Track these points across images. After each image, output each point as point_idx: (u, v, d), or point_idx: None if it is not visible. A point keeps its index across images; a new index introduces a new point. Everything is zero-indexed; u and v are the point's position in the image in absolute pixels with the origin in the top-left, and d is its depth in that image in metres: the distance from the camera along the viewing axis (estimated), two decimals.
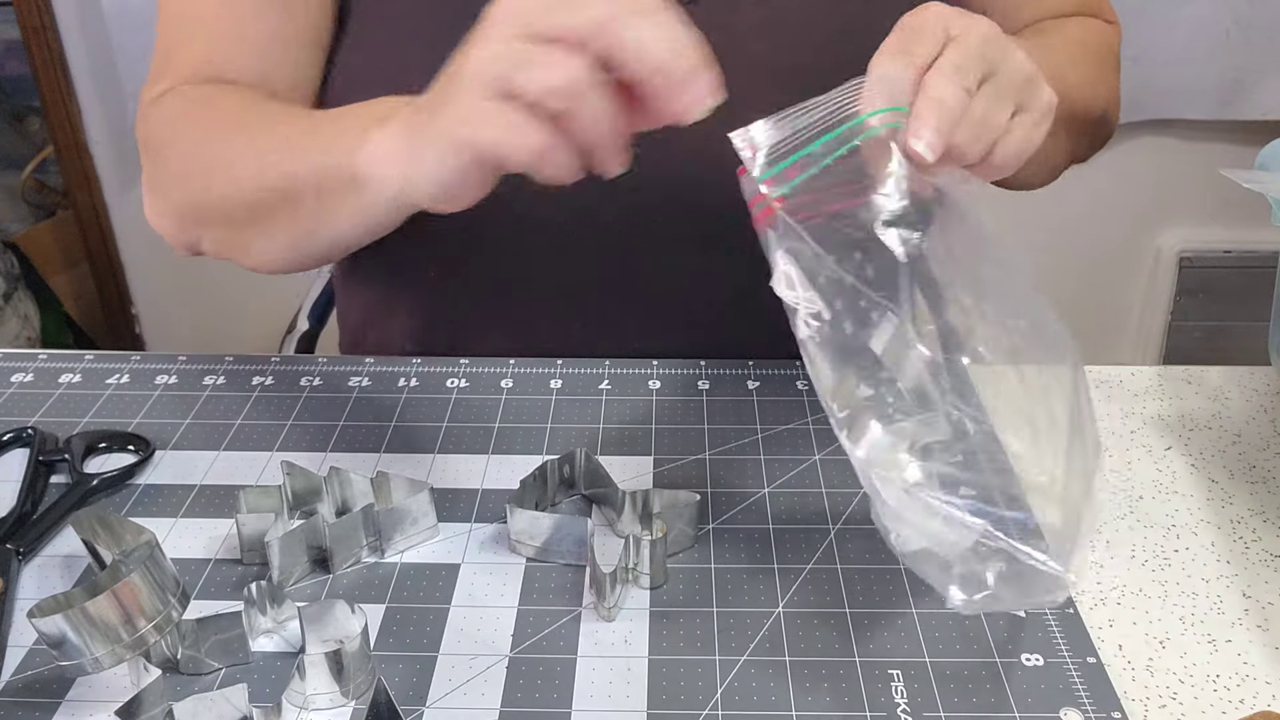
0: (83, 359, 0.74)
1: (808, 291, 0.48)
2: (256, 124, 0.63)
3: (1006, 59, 0.53)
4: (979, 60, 0.51)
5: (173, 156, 0.68)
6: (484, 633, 0.52)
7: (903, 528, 0.47)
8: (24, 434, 0.65)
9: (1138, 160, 1.72)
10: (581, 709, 0.48)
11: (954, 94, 0.50)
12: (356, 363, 0.73)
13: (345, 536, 0.55)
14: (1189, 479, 0.63)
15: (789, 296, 0.48)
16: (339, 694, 0.48)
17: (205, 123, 0.66)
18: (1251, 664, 0.51)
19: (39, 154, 1.81)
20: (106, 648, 0.46)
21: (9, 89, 1.79)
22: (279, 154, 0.60)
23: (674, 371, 0.71)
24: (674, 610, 0.53)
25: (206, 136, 0.66)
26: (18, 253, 1.82)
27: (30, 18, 1.59)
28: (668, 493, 0.56)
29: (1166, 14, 1.56)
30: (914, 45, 0.51)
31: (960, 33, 0.52)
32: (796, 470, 0.62)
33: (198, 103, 0.67)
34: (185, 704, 0.46)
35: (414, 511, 0.56)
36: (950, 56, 0.51)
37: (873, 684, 0.49)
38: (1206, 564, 0.57)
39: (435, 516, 0.57)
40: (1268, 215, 0.58)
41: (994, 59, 0.52)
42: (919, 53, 0.51)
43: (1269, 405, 0.70)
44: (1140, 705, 0.49)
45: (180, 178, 0.67)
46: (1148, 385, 0.72)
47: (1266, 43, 1.59)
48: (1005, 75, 0.52)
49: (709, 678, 0.49)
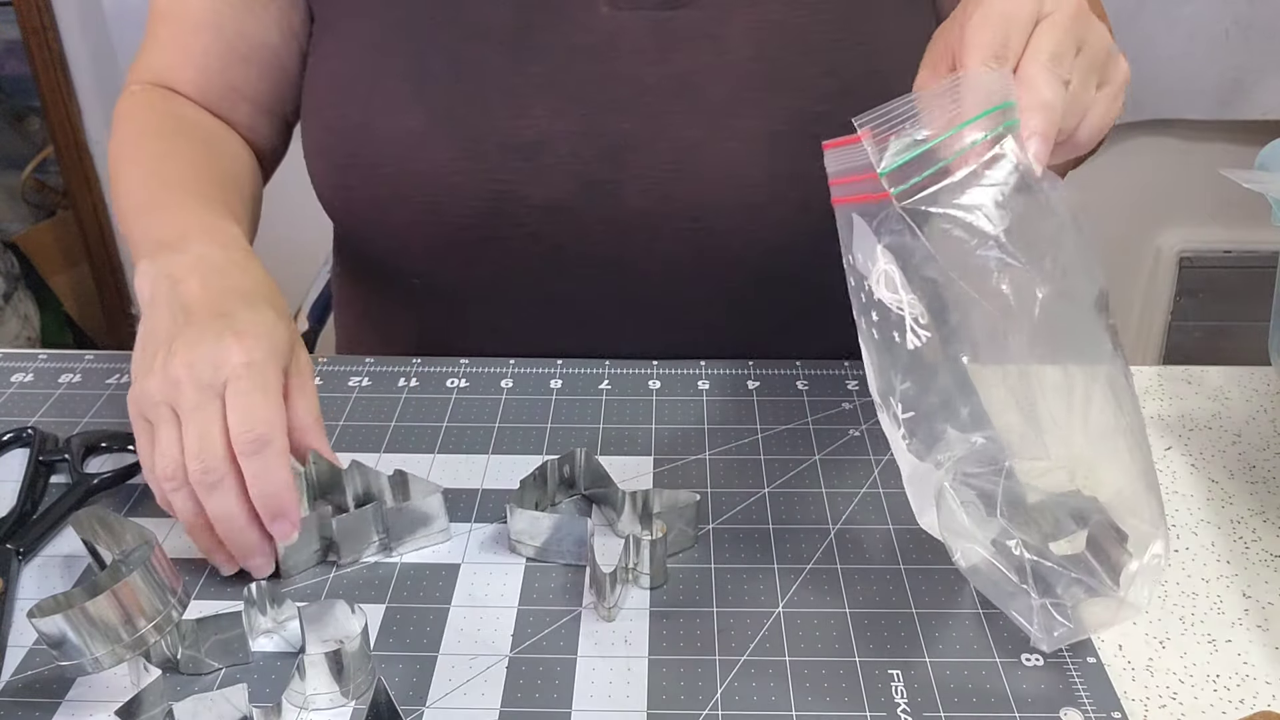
0: (83, 359, 0.74)
1: (909, 294, 0.46)
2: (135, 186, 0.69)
3: (1092, 32, 0.51)
4: (1073, 39, 0.50)
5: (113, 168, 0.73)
6: (484, 633, 0.52)
7: (965, 544, 0.46)
8: (24, 434, 0.65)
9: (1138, 160, 1.72)
10: (581, 709, 0.48)
11: (1056, 92, 0.49)
12: (356, 362, 0.73)
13: (354, 531, 0.55)
14: (1189, 479, 0.63)
15: (889, 298, 0.47)
16: (339, 694, 0.48)
17: (129, 161, 0.72)
18: (1251, 664, 0.51)
19: (39, 154, 1.81)
20: (106, 648, 0.46)
21: (9, 89, 1.79)
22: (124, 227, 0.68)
23: (674, 371, 0.71)
24: (674, 610, 0.53)
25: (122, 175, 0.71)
26: (18, 253, 1.82)
27: (30, 18, 1.59)
28: (668, 493, 0.56)
29: (1166, 14, 1.56)
30: (1010, 36, 0.49)
31: (1052, 9, 0.50)
32: (796, 470, 0.62)
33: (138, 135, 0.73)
34: (185, 704, 0.46)
35: (426, 513, 0.56)
36: (1046, 42, 0.49)
37: (873, 684, 0.49)
38: (1206, 564, 0.57)
39: (447, 519, 0.57)
40: (1268, 215, 0.58)
41: (1082, 34, 0.51)
42: (1014, 43, 0.49)
43: (1269, 405, 0.70)
44: (1140, 705, 0.49)
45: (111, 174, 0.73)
46: (1148, 385, 0.72)
47: (1266, 43, 1.59)
48: (1091, 50, 0.51)
49: (709, 678, 0.49)
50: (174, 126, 0.73)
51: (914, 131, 0.47)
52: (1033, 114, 0.48)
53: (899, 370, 0.48)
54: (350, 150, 0.69)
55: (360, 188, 0.70)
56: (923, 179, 0.46)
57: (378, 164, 0.69)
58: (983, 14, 0.50)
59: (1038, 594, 0.47)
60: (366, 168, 0.69)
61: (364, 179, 0.69)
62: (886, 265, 0.47)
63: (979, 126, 0.47)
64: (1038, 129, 0.48)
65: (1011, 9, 0.50)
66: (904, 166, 0.46)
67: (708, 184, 0.68)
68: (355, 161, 0.69)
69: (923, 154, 0.46)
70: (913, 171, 0.46)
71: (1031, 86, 0.49)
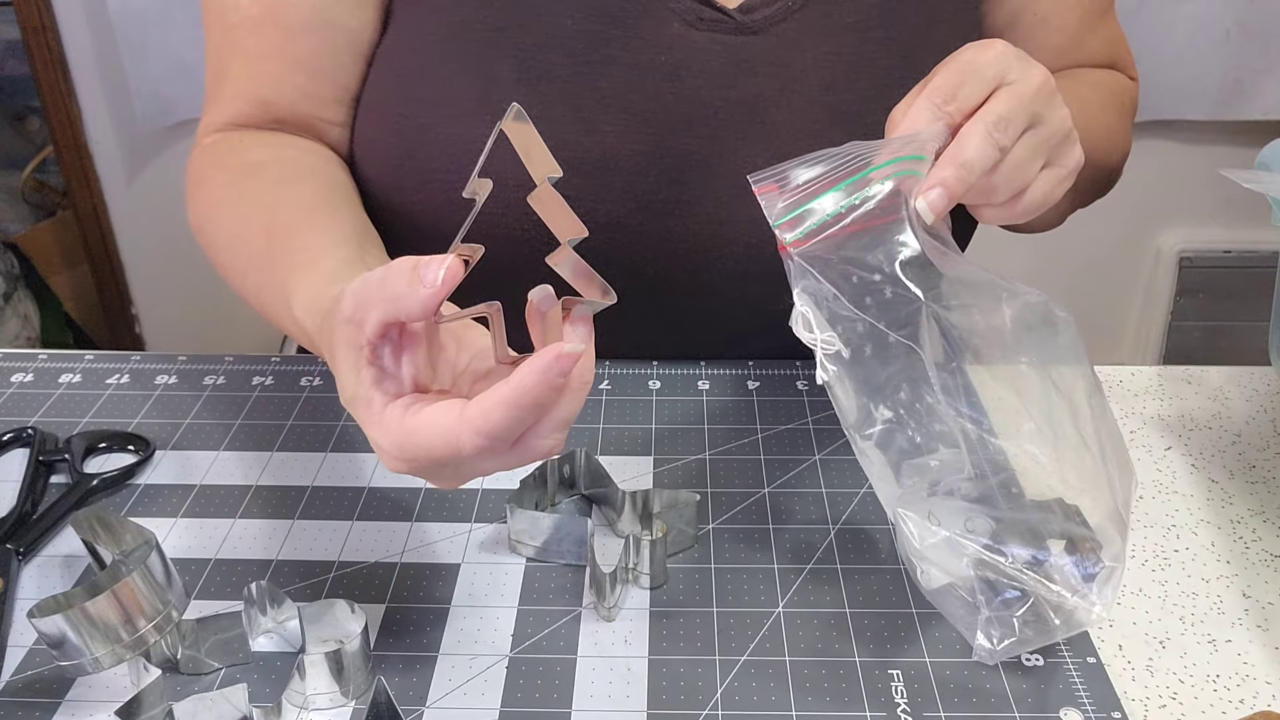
0: (83, 359, 0.74)
1: (825, 333, 0.48)
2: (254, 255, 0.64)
3: (1052, 112, 0.53)
4: (1026, 113, 0.52)
5: (208, 239, 0.69)
6: (484, 633, 0.52)
7: (928, 565, 0.47)
8: (24, 434, 0.65)
9: (1138, 160, 1.71)
10: (581, 709, 0.48)
11: (982, 153, 0.50)
12: None
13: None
14: (1189, 479, 0.63)
15: (806, 338, 0.49)
16: (339, 694, 0.48)
17: (227, 231, 0.67)
18: (1251, 664, 0.51)
19: (39, 154, 1.81)
20: (106, 648, 0.46)
21: (9, 89, 1.79)
22: (256, 297, 0.64)
23: (674, 371, 0.71)
24: (674, 610, 0.53)
25: (224, 245, 0.67)
26: (18, 253, 1.82)
27: (30, 18, 1.59)
28: (668, 493, 0.56)
29: (1166, 14, 1.56)
30: (963, 87, 0.51)
31: (1017, 79, 0.52)
32: (796, 470, 0.62)
33: (230, 199, 0.68)
34: (185, 704, 0.46)
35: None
36: (998, 106, 0.51)
37: (873, 684, 0.49)
38: (1206, 564, 0.57)
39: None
40: (1268, 215, 0.58)
41: (1040, 111, 0.52)
42: (965, 95, 0.51)
43: (1269, 405, 0.70)
44: (1140, 705, 0.49)
45: (208, 248, 0.69)
46: (1148, 385, 0.72)
47: (1267, 43, 1.59)
48: (1047, 128, 0.53)
49: (709, 678, 0.49)
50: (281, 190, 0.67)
51: (809, 184, 0.50)
52: (945, 166, 0.50)
53: (851, 405, 0.50)
54: (407, 150, 0.67)
55: (415, 190, 0.68)
56: (818, 226, 0.49)
57: (436, 168, 0.67)
58: (950, 61, 0.52)
59: (987, 607, 0.48)
60: (425, 170, 0.67)
61: (420, 181, 0.67)
62: (802, 307, 0.49)
63: (883, 173, 0.50)
64: (943, 180, 0.50)
65: (978, 63, 0.52)
66: (796, 218, 0.49)
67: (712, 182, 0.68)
68: (413, 163, 0.67)
69: (815, 205, 0.49)
70: (809, 219, 0.49)
71: (960, 141, 0.51)
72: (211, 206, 0.68)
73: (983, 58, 0.52)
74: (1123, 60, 0.82)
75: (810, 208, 0.49)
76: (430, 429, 0.42)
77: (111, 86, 1.65)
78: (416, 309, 0.42)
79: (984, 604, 0.48)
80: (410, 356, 0.44)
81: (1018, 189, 0.53)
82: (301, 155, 0.70)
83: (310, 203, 0.64)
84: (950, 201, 0.50)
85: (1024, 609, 0.49)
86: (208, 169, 0.70)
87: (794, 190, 0.50)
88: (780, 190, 0.50)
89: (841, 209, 0.49)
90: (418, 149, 0.67)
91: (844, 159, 0.51)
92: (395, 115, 0.68)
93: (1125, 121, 0.79)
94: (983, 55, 0.52)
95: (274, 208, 0.64)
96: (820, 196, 0.49)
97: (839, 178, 0.50)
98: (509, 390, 0.41)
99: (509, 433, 0.42)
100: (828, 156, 0.51)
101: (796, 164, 0.50)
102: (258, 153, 0.69)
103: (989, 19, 0.75)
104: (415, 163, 0.67)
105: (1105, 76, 0.79)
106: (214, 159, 0.70)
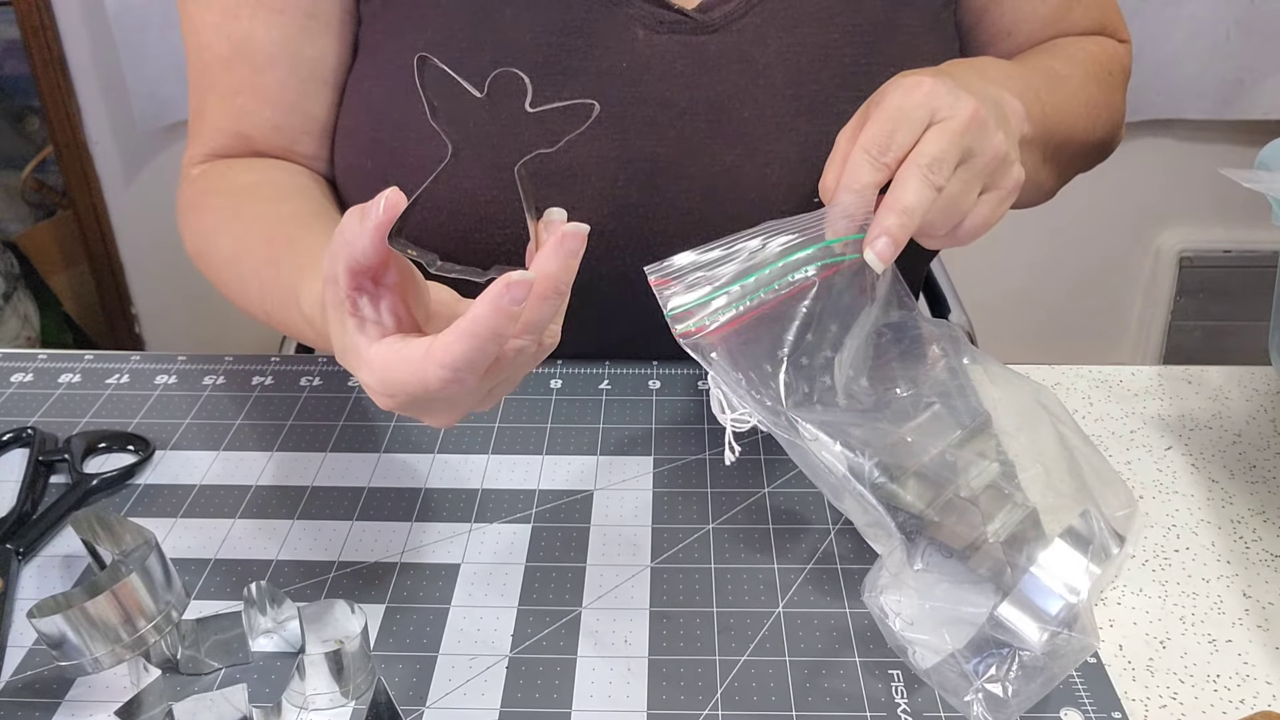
0: (83, 359, 0.74)
1: (734, 414, 0.50)
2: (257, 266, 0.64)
3: (984, 142, 0.53)
4: (958, 149, 0.52)
5: (208, 261, 0.70)
6: (484, 633, 0.52)
7: (917, 645, 0.47)
8: (24, 434, 0.65)
9: (1138, 160, 1.71)
10: (581, 709, 0.48)
11: (920, 197, 0.51)
12: None
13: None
14: (1189, 479, 0.63)
15: (720, 418, 0.50)
16: (339, 694, 0.48)
17: (227, 248, 0.68)
18: (1251, 664, 0.51)
19: (39, 154, 1.81)
20: (106, 648, 0.46)
21: (9, 89, 1.78)
22: (261, 307, 0.64)
23: (674, 371, 0.71)
24: (674, 610, 0.53)
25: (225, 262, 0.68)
26: (17, 253, 1.82)
27: (30, 18, 1.59)
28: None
29: (1166, 14, 1.56)
30: (896, 134, 0.52)
31: (947, 116, 0.52)
32: (796, 470, 0.62)
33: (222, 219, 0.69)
34: (185, 704, 0.46)
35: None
36: (930, 147, 0.52)
37: (873, 684, 0.49)
38: (1206, 564, 0.57)
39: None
40: (1268, 215, 0.58)
41: (973, 144, 0.53)
42: (899, 143, 0.52)
43: (1269, 405, 0.70)
44: (1140, 705, 0.49)
45: (208, 269, 0.70)
46: (1148, 385, 0.72)
47: (1266, 43, 1.59)
48: (982, 159, 0.54)
49: (709, 678, 0.49)
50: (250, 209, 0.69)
51: (700, 274, 0.51)
52: (888, 215, 0.51)
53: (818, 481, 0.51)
54: (381, 174, 0.68)
55: None
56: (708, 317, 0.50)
57: (410, 190, 0.67)
58: (878, 111, 0.53)
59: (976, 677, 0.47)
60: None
61: None
62: (715, 390, 0.50)
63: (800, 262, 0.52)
64: (887, 229, 0.51)
65: (907, 107, 0.53)
66: (687, 311, 0.50)
67: (741, 207, 0.68)
68: (387, 186, 0.68)
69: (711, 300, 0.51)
70: (698, 311, 0.50)
71: (898, 187, 0.52)
72: (209, 228, 0.69)
73: (910, 101, 0.53)
74: (1112, 24, 0.81)
75: (704, 301, 0.50)
76: (401, 363, 0.44)
77: (111, 86, 1.65)
78: (368, 244, 0.44)
79: (973, 673, 0.46)
80: (389, 304, 0.46)
81: (955, 221, 0.54)
82: (291, 176, 0.72)
83: (310, 213, 0.66)
84: (897, 249, 0.51)
85: (1014, 666, 0.47)
86: (200, 196, 0.72)
87: (688, 284, 0.51)
88: (673, 283, 0.51)
89: (739, 308, 0.51)
90: (391, 172, 0.68)
91: (749, 249, 0.51)
92: (368, 140, 0.69)
93: (1112, 92, 0.78)
94: (910, 99, 0.53)
95: (274, 221, 0.65)
96: (717, 292, 0.51)
97: (741, 271, 0.51)
98: (466, 321, 0.42)
99: (472, 364, 0.42)
100: (733, 242, 0.51)
101: (696, 253, 0.51)
102: (248, 176, 0.71)
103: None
104: (389, 185, 0.68)
105: (1090, 46, 0.78)
106: (205, 186, 0.72)
